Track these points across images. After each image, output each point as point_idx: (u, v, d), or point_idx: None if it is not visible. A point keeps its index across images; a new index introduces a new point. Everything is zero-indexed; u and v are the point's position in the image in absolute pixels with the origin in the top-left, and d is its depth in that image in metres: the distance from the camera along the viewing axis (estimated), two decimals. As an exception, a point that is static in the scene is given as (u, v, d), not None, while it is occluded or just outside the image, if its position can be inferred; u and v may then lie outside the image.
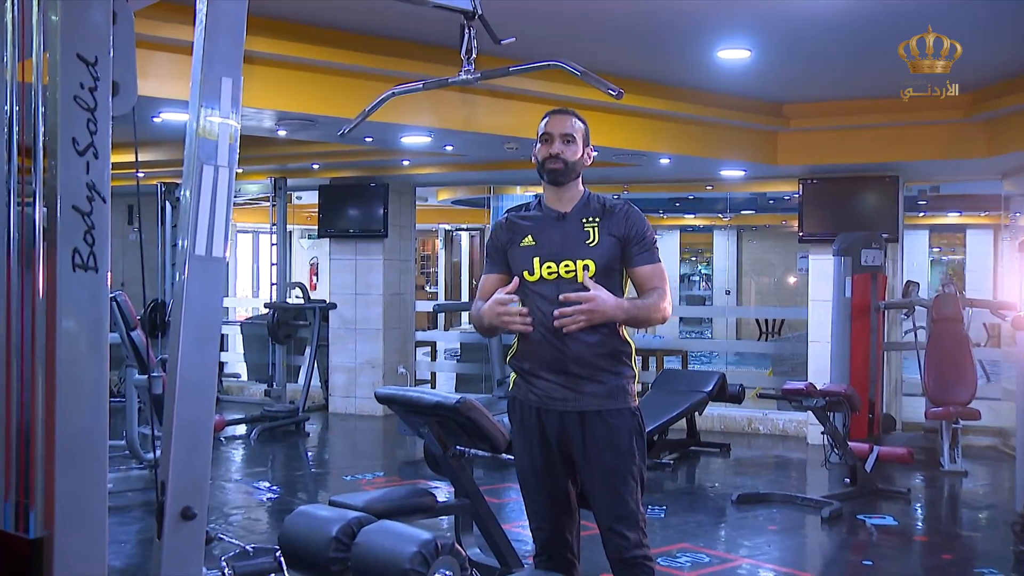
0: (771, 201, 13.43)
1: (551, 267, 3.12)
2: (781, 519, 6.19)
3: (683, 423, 8.11)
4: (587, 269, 3.09)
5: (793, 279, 16.04)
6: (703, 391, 7.95)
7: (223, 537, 5.16)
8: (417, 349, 10.90)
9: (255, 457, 8.23)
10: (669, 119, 7.33)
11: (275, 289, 9.79)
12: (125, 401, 6.76)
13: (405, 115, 6.18)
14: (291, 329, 9.68)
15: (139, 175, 8.70)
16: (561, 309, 3.00)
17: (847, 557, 5.67)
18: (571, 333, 3.02)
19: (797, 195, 8.83)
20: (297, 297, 10.44)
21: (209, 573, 3.05)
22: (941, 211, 14.76)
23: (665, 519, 6.08)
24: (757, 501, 6.52)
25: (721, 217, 15.98)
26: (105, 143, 2.17)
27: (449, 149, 7.92)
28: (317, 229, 10.47)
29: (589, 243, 3.12)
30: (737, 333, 15.63)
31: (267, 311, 9.69)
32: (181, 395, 2.28)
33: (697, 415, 8.22)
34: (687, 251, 19.54)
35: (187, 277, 2.30)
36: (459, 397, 3.74)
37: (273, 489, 7.00)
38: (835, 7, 4.97)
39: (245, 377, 11.69)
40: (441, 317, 14.08)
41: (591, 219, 3.16)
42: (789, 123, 7.80)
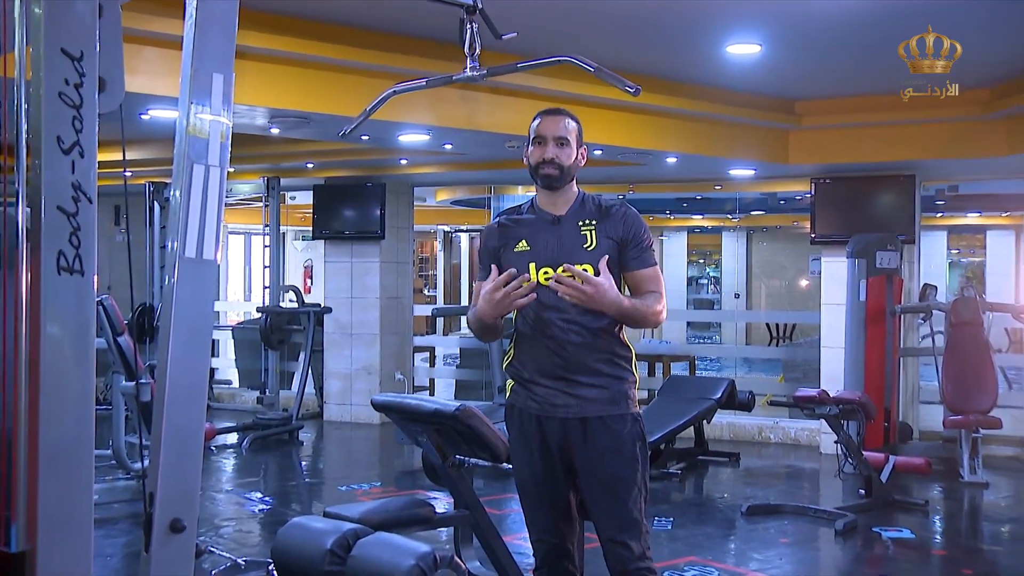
0: (782, 201, 13.49)
1: (549, 273, 3.09)
2: (793, 531, 6.15)
3: (691, 432, 8.10)
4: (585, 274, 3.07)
5: (805, 282, 16.27)
6: (712, 398, 7.94)
7: (213, 550, 5.10)
8: (415, 355, 10.92)
9: (247, 467, 8.21)
10: (676, 116, 7.34)
11: (268, 293, 9.82)
12: (112, 409, 6.77)
13: (403, 112, 6.20)
14: (284, 334, 9.68)
15: (127, 174, 8.82)
16: (564, 278, 2.95)
17: (862, 571, 5.64)
18: (570, 339, 3.05)
19: (809, 195, 8.83)
20: (291, 301, 10.48)
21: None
22: (960, 211, 14.79)
23: (672, 531, 6.05)
24: (768, 513, 6.48)
25: (730, 218, 16.08)
26: (91, 141, 2.18)
27: (448, 148, 7.95)
28: (311, 230, 10.49)
29: (586, 247, 3.12)
30: (747, 338, 15.67)
31: (259, 315, 9.68)
32: (170, 403, 2.31)
33: (705, 423, 8.20)
34: (695, 253, 19.77)
35: (177, 280, 2.32)
36: (458, 404, 3.80)
37: (266, 500, 6.96)
38: (851, -3, 4.96)
39: (237, 384, 11.72)
40: (440, 321, 14.19)
41: (587, 222, 3.16)
42: (801, 120, 7.77)
